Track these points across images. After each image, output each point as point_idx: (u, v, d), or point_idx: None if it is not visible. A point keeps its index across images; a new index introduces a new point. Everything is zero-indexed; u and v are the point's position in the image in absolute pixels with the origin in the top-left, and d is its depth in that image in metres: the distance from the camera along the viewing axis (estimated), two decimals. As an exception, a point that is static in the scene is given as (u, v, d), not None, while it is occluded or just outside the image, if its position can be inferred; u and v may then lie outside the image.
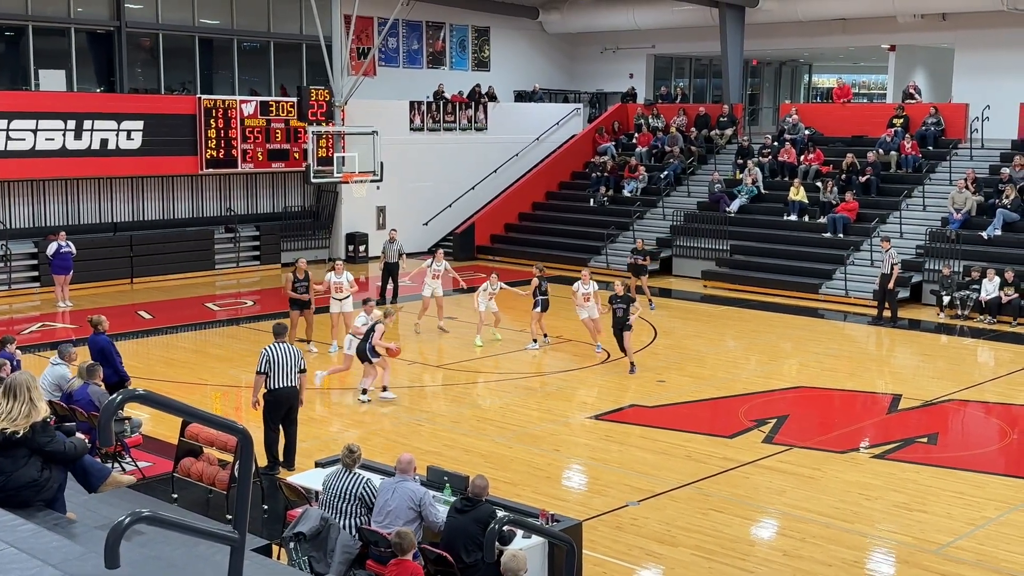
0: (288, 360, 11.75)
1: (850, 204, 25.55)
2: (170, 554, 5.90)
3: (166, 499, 10.43)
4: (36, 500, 6.04)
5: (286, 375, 11.75)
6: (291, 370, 11.76)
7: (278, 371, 11.73)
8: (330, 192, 28.92)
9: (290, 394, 11.84)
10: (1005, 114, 26.23)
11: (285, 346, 11.90)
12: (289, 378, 11.77)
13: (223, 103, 26.43)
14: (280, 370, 11.73)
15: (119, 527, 3.70)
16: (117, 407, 3.66)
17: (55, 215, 25.08)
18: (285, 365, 11.73)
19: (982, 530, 10.64)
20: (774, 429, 13.99)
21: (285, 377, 11.75)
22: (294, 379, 11.82)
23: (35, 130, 23.57)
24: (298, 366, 11.82)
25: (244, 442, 4.28)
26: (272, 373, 11.73)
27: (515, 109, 33.70)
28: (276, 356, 11.74)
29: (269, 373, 11.75)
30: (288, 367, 11.74)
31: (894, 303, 21.42)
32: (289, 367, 11.74)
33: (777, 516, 11.08)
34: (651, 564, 9.85)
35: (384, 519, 8.43)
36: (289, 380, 11.78)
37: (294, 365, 11.77)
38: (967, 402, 15.65)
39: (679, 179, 29.75)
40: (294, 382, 11.83)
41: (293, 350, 11.91)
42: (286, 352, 11.81)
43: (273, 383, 11.76)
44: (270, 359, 11.72)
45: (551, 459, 12.86)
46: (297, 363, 11.81)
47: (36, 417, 6.00)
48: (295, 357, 11.83)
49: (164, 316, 21.39)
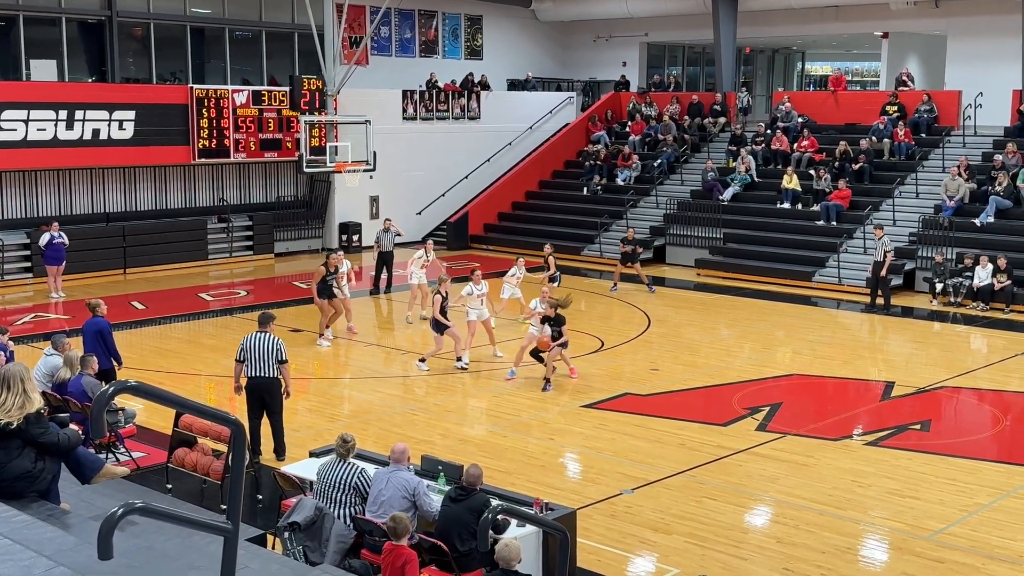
0: (263, 350, 11.62)
1: (843, 192, 25.58)
2: (164, 544, 5.90)
3: (160, 489, 10.44)
4: (30, 491, 6.05)
5: (260, 365, 11.62)
6: (265, 361, 11.62)
7: (253, 361, 11.64)
8: (323, 182, 28.87)
9: (265, 384, 11.66)
10: (998, 101, 26.25)
11: (264, 336, 11.73)
12: (263, 368, 11.62)
13: (215, 93, 26.35)
14: (254, 360, 11.63)
15: (112, 518, 3.70)
16: (109, 398, 3.66)
17: (47, 206, 25.00)
18: (260, 355, 11.61)
19: (975, 516, 10.68)
20: (768, 417, 14.03)
21: (258, 367, 11.62)
22: (272, 370, 11.65)
23: (27, 120, 23.48)
24: (277, 357, 11.64)
25: (237, 433, 4.29)
26: (248, 362, 11.67)
27: (508, 98, 33.65)
28: (252, 346, 11.66)
29: (246, 362, 11.69)
30: (263, 358, 11.61)
31: (887, 291, 21.46)
32: (264, 358, 11.61)
33: (770, 503, 11.12)
34: (645, 552, 9.87)
35: (378, 508, 8.45)
36: (263, 371, 11.62)
37: (271, 356, 11.62)
38: (960, 389, 15.69)
39: (672, 167, 29.75)
40: (272, 373, 11.66)
41: (272, 340, 11.70)
42: (263, 342, 11.67)
43: (249, 372, 11.68)
44: (245, 348, 11.69)
45: (545, 448, 12.88)
46: (275, 354, 11.64)
47: (30, 408, 6.00)
48: (273, 348, 11.65)
49: (157, 306, 21.36)
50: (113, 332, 13.13)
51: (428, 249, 20.50)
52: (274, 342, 11.72)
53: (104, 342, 12.88)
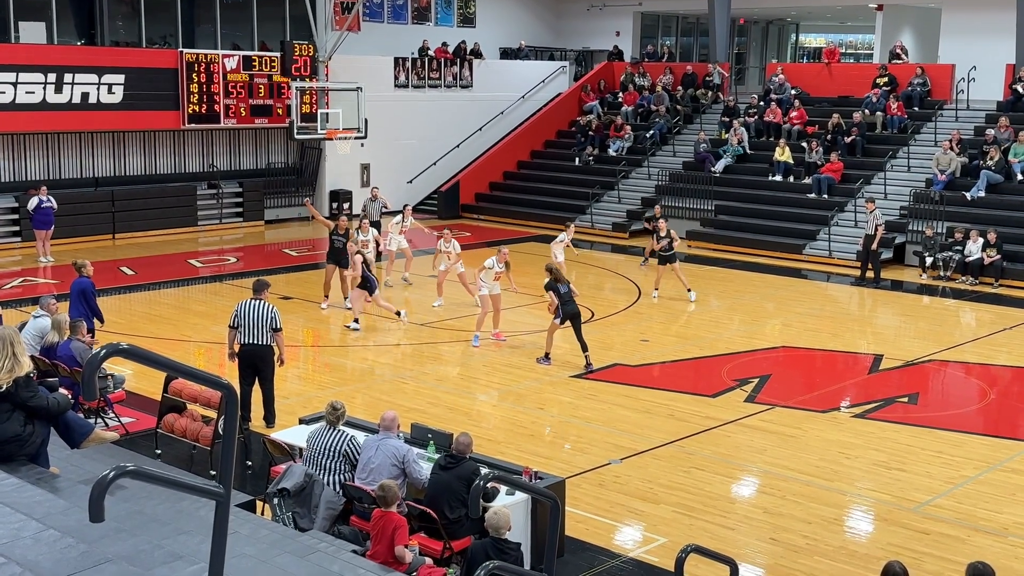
0: (258, 317, 11.62)
1: (835, 165, 25.56)
2: (154, 509, 5.91)
3: (150, 455, 10.45)
4: (19, 455, 6.04)
5: (254, 332, 11.63)
6: (261, 328, 11.62)
7: (247, 327, 11.64)
8: (314, 149, 28.73)
9: (258, 351, 11.67)
10: (991, 75, 26.22)
11: (259, 303, 11.73)
12: (257, 336, 11.62)
13: (205, 57, 26.15)
14: (249, 327, 11.64)
15: (103, 481, 3.69)
16: (101, 361, 3.64)
17: (36, 169, 24.84)
18: (255, 322, 11.61)
19: (961, 488, 10.76)
20: (756, 388, 14.08)
21: (253, 334, 11.63)
22: (266, 337, 11.65)
23: (15, 83, 23.28)
24: (271, 325, 11.64)
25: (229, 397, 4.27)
26: (242, 329, 11.68)
27: (500, 67, 33.47)
28: (246, 312, 11.66)
29: (240, 328, 11.69)
30: (257, 324, 11.61)
31: (877, 264, 21.50)
32: (259, 325, 11.61)
33: (758, 474, 11.17)
34: (633, 521, 9.93)
35: (367, 476, 8.46)
36: (257, 338, 11.63)
37: (266, 323, 11.62)
38: (948, 362, 15.77)
39: (665, 138, 29.68)
40: (266, 340, 11.66)
41: (266, 308, 11.70)
42: (258, 309, 11.67)
43: (243, 339, 11.69)
44: (239, 314, 11.69)
45: (534, 417, 12.92)
46: (269, 322, 11.64)
47: (19, 372, 5.98)
48: (267, 315, 11.65)
49: (146, 272, 21.28)
50: (103, 297, 13.16)
51: (407, 215, 20.50)
52: (269, 310, 11.71)
53: (87, 302, 12.98)
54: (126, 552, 4.56)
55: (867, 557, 9.04)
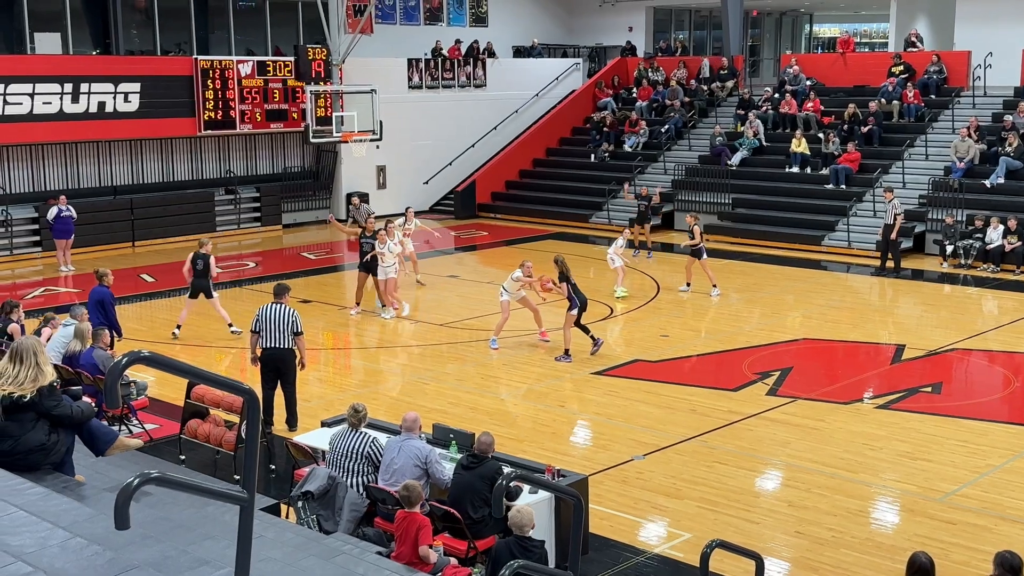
0: (278, 321, 11.68)
1: (852, 155, 25.43)
2: (179, 515, 5.94)
3: (173, 461, 10.49)
4: (44, 464, 6.07)
5: (275, 336, 11.69)
6: (281, 332, 11.68)
7: (267, 332, 11.70)
8: (330, 152, 28.80)
9: (280, 355, 11.73)
10: (1007, 61, 26.03)
11: (280, 307, 11.81)
12: (278, 339, 11.68)
13: (220, 64, 26.26)
14: (270, 331, 11.69)
15: (128, 488, 3.71)
16: (123, 369, 3.65)
17: (55, 179, 24.99)
18: (276, 326, 11.67)
19: (986, 478, 10.69)
20: (778, 381, 14.03)
21: (273, 338, 11.69)
22: (287, 341, 11.71)
23: (32, 94, 23.44)
24: (291, 328, 11.70)
25: (251, 402, 4.29)
26: (263, 333, 11.73)
27: (514, 65, 33.47)
28: (267, 316, 11.72)
29: (261, 333, 11.75)
30: (278, 329, 11.67)
31: (897, 253, 21.38)
32: (279, 329, 11.67)
33: (782, 467, 11.13)
34: (657, 517, 9.91)
35: (390, 477, 8.48)
36: (278, 342, 11.69)
37: (286, 327, 11.68)
38: (971, 351, 15.67)
39: (680, 133, 29.60)
40: (287, 344, 11.73)
41: (288, 312, 11.78)
42: (279, 313, 11.74)
43: (265, 343, 11.75)
44: (260, 318, 11.76)
45: (556, 415, 12.91)
46: (290, 326, 11.70)
47: (43, 381, 6.02)
48: (288, 319, 11.71)
49: (166, 279, 21.36)
50: (123, 304, 13.23)
51: (409, 217, 20.44)
52: (290, 313, 11.78)
53: (105, 312, 13.03)
54: (152, 558, 4.58)
55: (893, 548, 8.99)
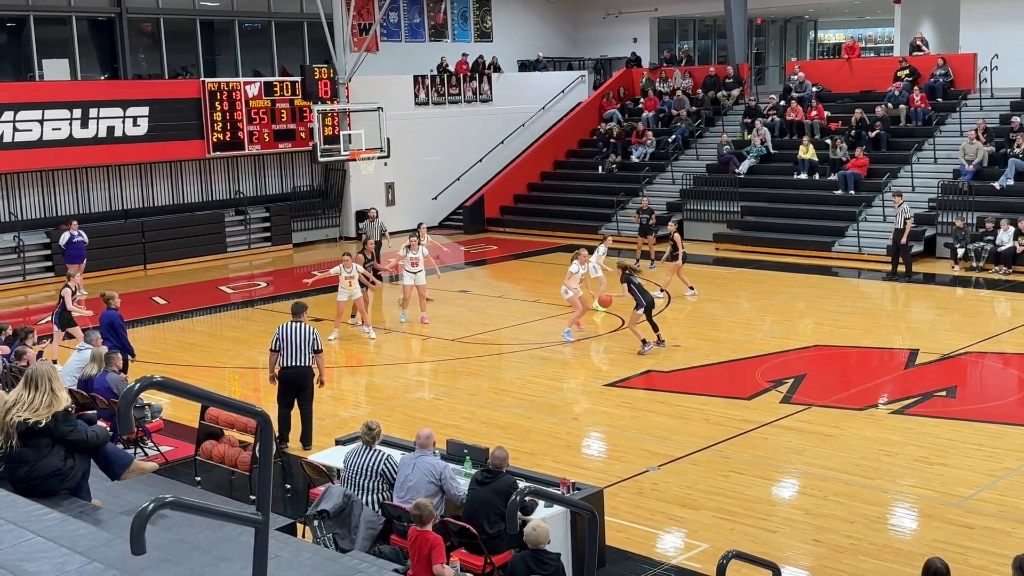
0: (299, 339, 11.81)
1: (860, 160, 25.40)
2: (195, 537, 5.95)
3: (189, 482, 10.51)
4: (61, 489, 6.09)
5: (296, 354, 11.80)
6: (303, 349, 11.81)
7: (288, 350, 11.82)
8: (338, 170, 28.89)
9: (300, 373, 11.86)
10: (1013, 62, 25.98)
11: (299, 325, 11.93)
12: (299, 358, 11.81)
13: (227, 85, 26.39)
14: (290, 349, 11.81)
15: (144, 513, 3.73)
16: (135, 395, 3.68)
17: (66, 204, 25.13)
18: (296, 345, 11.79)
19: (1003, 481, 10.64)
20: (792, 389, 13.99)
21: (295, 356, 11.81)
22: (307, 359, 11.84)
23: (41, 120, 23.59)
24: (312, 346, 11.84)
25: (263, 424, 4.30)
26: (283, 352, 11.85)
27: (519, 79, 33.55)
28: (287, 335, 11.84)
29: (281, 351, 11.86)
30: (299, 346, 11.79)
31: (908, 258, 21.33)
32: (300, 346, 11.80)
33: (797, 475, 11.10)
34: (674, 528, 9.89)
35: (405, 494, 8.48)
36: (299, 359, 11.81)
37: (306, 345, 11.81)
38: (985, 354, 15.61)
39: (687, 142, 29.61)
40: (307, 362, 11.86)
41: (307, 330, 11.91)
42: (298, 331, 11.86)
43: (284, 361, 11.87)
44: (280, 337, 11.88)
45: (570, 428, 12.90)
46: (311, 343, 11.84)
47: (58, 407, 6.05)
48: (308, 337, 11.85)
49: (179, 301, 21.46)
50: (136, 327, 13.31)
51: (422, 233, 20.30)
52: (309, 331, 11.92)
53: (116, 334, 13.13)
54: (170, 581, 4.59)
55: (911, 554, 8.95)
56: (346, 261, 17.13)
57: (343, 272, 17.09)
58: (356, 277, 17.18)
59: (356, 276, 17.18)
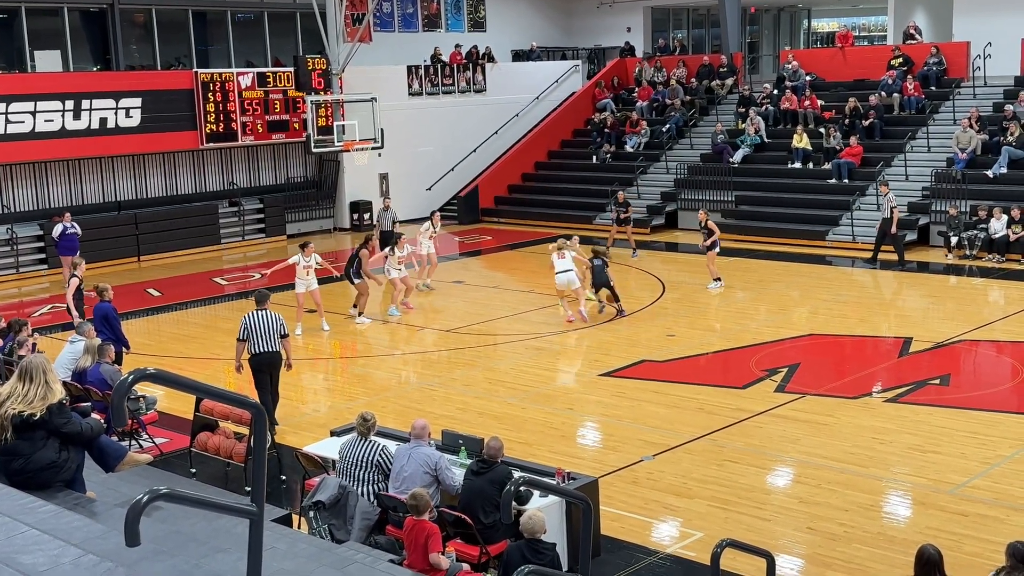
0: (267, 326, 12.20)
1: (854, 149, 25.42)
2: (191, 528, 5.96)
3: (184, 474, 10.51)
4: (56, 481, 6.10)
5: (265, 340, 12.19)
6: (271, 335, 12.19)
7: (257, 337, 12.18)
8: (332, 161, 28.85)
9: (271, 358, 12.26)
10: (1006, 51, 26.01)
11: (265, 313, 12.32)
12: (269, 343, 12.20)
13: (220, 76, 26.33)
14: (259, 336, 12.17)
15: (138, 505, 3.73)
16: (129, 387, 3.68)
17: (59, 196, 25.07)
18: (265, 331, 12.18)
19: (997, 468, 10.67)
20: (786, 378, 14.02)
21: (265, 342, 12.19)
22: (276, 344, 12.23)
23: (34, 112, 23.51)
24: (279, 331, 12.24)
25: (257, 416, 4.31)
26: (252, 339, 12.20)
27: (513, 69, 33.48)
28: (255, 323, 12.21)
29: (250, 339, 12.21)
30: (268, 333, 12.18)
31: (899, 246, 21.35)
32: (269, 333, 12.19)
33: (792, 464, 11.13)
34: (668, 517, 9.91)
35: (401, 484, 8.49)
36: (269, 345, 12.20)
37: (275, 330, 12.21)
38: (978, 342, 15.65)
39: (681, 132, 29.60)
40: (276, 347, 12.24)
41: (273, 316, 12.30)
42: (265, 319, 12.24)
43: (254, 348, 12.21)
44: (247, 326, 12.23)
45: (565, 418, 12.92)
46: (278, 329, 12.24)
47: (52, 399, 6.04)
48: (275, 323, 12.24)
49: (173, 293, 21.44)
50: (130, 319, 13.32)
51: (436, 221, 20.58)
52: (275, 318, 12.31)
53: (110, 326, 13.17)
54: (165, 573, 4.60)
55: (905, 542, 8.98)
56: (307, 250, 17.06)
57: (302, 261, 16.97)
58: (313, 267, 17.12)
59: (314, 266, 17.12)
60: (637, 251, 23.06)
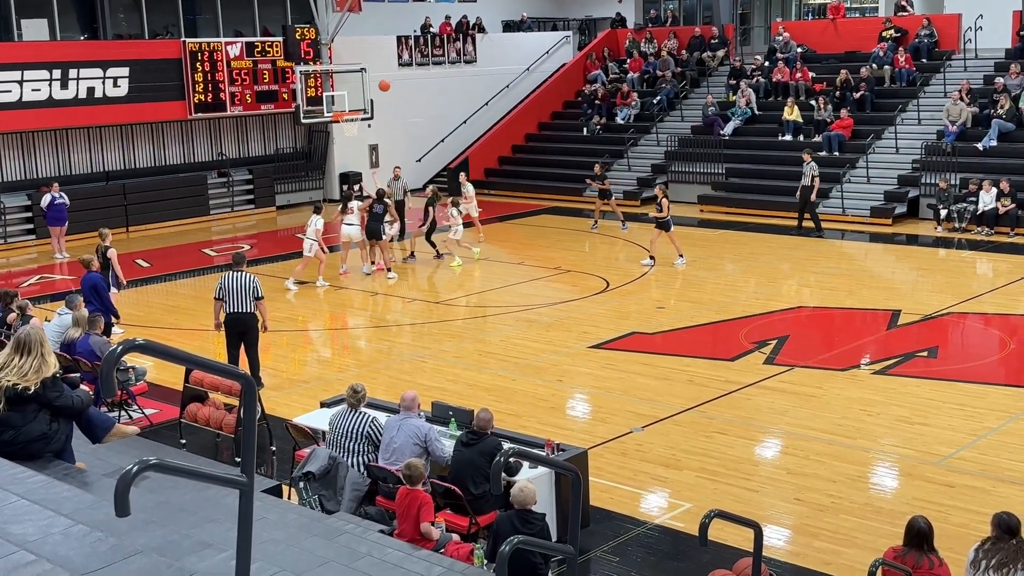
0: (241, 287, 12.40)
1: (845, 121, 25.39)
2: (180, 499, 5.97)
3: (174, 445, 10.52)
4: (45, 452, 6.09)
5: (239, 302, 12.39)
6: (245, 297, 12.38)
7: (231, 298, 12.40)
8: (321, 132, 28.71)
9: (243, 319, 12.45)
10: (998, 23, 25.93)
11: (239, 274, 12.51)
12: (242, 304, 12.40)
13: (208, 46, 26.13)
14: (233, 296, 12.39)
15: (127, 476, 3.73)
16: (118, 358, 3.66)
17: (47, 166, 24.92)
18: (238, 292, 12.38)
19: (984, 440, 10.75)
20: (775, 350, 14.07)
21: (238, 303, 12.41)
22: (250, 306, 12.42)
23: (20, 81, 23.32)
24: (253, 294, 12.41)
25: (247, 387, 4.30)
26: (227, 299, 12.42)
27: (504, 40, 33.32)
28: (230, 284, 12.44)
29: (225, 299, 12.42)
30: (241, 294, 12.38)
31: (815, 215, 22.03)
32: (242, 294, 12.38)
33: (780, 436, 11.19)
34: (657, 488, 9.96)
35: (390, 456, 8.52)
36: (242, 307, 12.41)
37: (248, 293, 12.39)
38: (966, 314, 15.72)
39: (672, 104, 29.52)
40: (250, 308, 12.43)
41: (248, 278, 12.46)
42: (240, 280, 12.43)
43: (228, 308, 12.43)
44: (223, 286, 12.47)
45: (554, 390, 12.95)
46: (252, 291, 12.40)
47: (46, 372, 6.01)
48: (249, 285, 12.41)
49: (162, 264, 21.37)
50: (121, 291, 13.33)
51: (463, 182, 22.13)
52: (250, 280, 12.49)
53: (99, 297, 13.18)
54: (156, 543, 4.60)
55: (893, 513, 9.05)
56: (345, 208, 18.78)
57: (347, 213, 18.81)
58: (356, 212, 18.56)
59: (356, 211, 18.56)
60: (626, 223, 23.05)
